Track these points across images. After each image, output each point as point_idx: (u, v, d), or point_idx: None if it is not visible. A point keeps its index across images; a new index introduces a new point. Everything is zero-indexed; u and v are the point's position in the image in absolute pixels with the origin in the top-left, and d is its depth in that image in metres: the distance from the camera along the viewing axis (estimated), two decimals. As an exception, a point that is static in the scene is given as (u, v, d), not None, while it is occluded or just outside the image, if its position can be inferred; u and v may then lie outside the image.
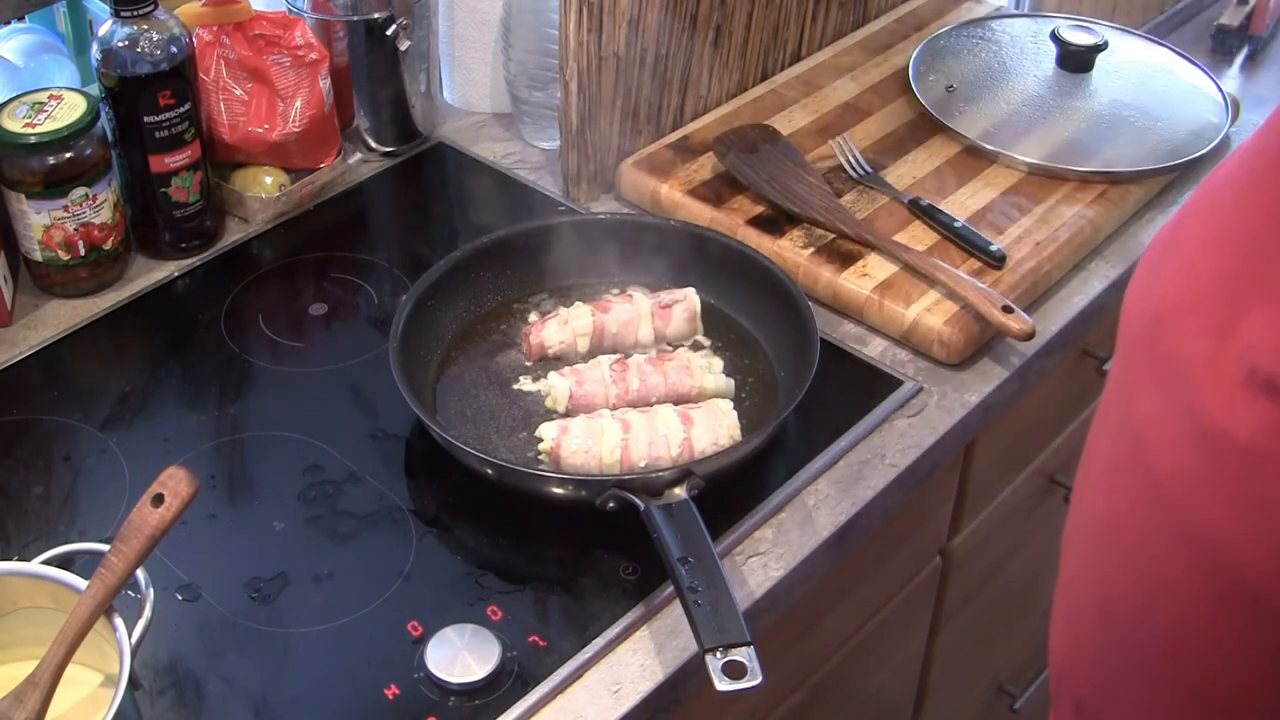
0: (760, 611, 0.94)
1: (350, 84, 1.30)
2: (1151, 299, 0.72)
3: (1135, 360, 0.72)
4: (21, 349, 1.12)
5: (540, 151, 1.36)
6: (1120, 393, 0.74)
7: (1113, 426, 0.75)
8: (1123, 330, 0.76)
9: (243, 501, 1.00)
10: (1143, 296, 0.74)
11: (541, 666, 0.87)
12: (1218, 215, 0.70)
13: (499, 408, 1.05)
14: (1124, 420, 0.72)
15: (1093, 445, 0.78)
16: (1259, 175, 0.67)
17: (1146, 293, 0.73)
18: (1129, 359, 0.74)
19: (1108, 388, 0.78)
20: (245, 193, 1.24)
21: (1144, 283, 0.75)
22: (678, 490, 0.92)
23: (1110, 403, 0.76)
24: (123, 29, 1.12)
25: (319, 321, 1.16)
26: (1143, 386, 0.70)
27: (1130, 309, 0.76)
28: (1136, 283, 0.76)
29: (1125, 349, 0.75)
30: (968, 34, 1.46)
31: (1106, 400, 0.77)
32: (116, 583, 0.79)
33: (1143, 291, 0.74)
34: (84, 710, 0.83)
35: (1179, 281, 0.70)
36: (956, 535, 1.28)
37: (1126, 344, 0.75)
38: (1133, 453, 0.71)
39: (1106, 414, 0.77)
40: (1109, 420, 0.76)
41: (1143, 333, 0.72)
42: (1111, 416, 0.75)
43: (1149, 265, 0.75)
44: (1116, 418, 0.74)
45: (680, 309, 1.09)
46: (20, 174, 1.11)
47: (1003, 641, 1.55)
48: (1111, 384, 0.77)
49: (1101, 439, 0.76)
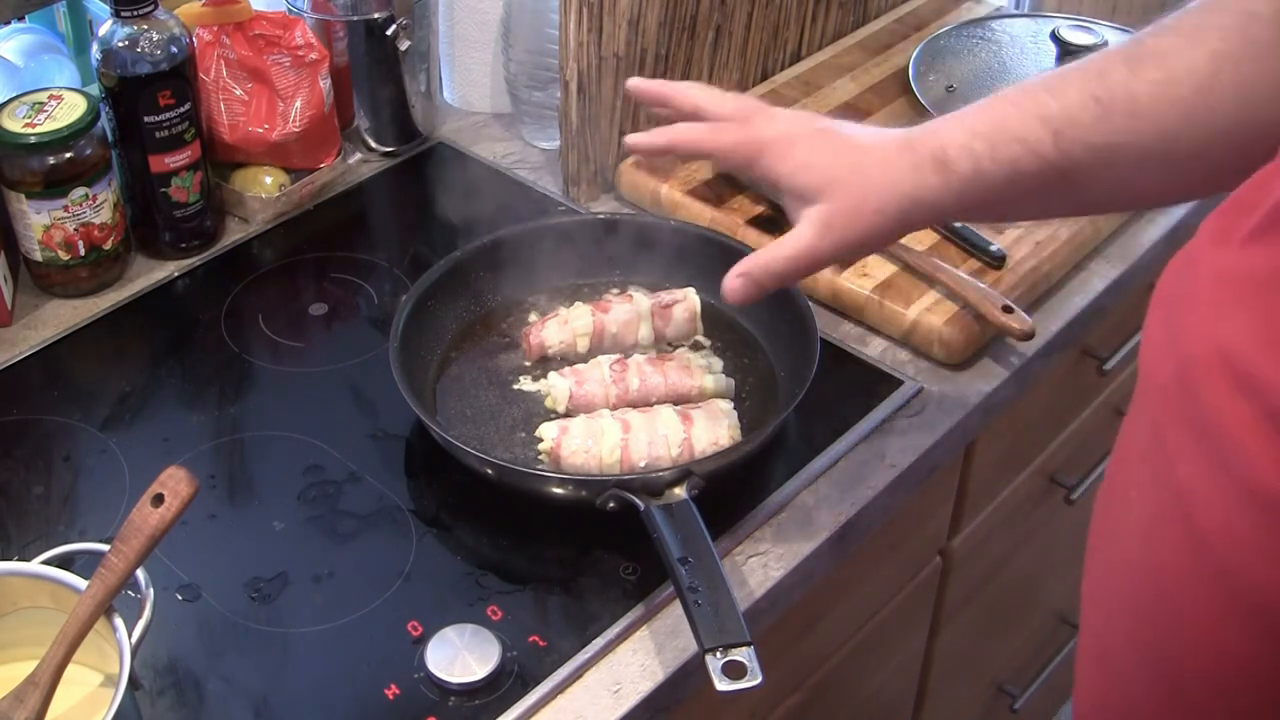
0: (760, 611, 0.94)
1: (350, 84, 1.30)
2: (1179, 345, 0.68)
3: (1167, 416, 0.68)
4: (21, 349, 1.12)
5: (540, 151, 1.36)
6: (1153, 449, 0.70)
7: (1147, 484, 0.71)
8: (1147, 373, 0.72)
9: (243, 501, 1.00)
10: (1167, 339, 0.70)
11: (541, 666, 0.87)
12: (1247, 260, 0.66)
13: (499, 408, 1.05)
14: (1163, 480, 0.69)
15: (1116, 497, 0.74)
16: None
17: (1172, 335, 0.69)
18: (1159, 413, 0.70)
19: (1132, 431, 0.74)
20: (245, 193, 1.24)
21: (1166, 322, 0.71)
22: (678, 490, 0.92)
23: (1139, 452, 0.72)
24: (123, 29, 1.12)
25: (319, 321, 1.17)
26: (1181, 448, 0.67)
27: (1153, 351, 0.72)
28: (1156, 320, 0.72)
29: (1154, 400, 0.71)
30: (968, 34, 1.46)
31: (1132, 447, 0.73)
32: (116, 583, 0.79)
33: (1166, 333, 0.70)
34: (84, 710, 0.83)
35: (1206, 330, 0.66)
36: (956, 535, 1.28)
37: (1154, 394, 0.71)
38: (1177, 516, 0.67)
39: (1134, 465, 0.73)
40: (1140, 473, 0.72)
41: (1172, 385, 0.68)
42: (1144, 471, 0.71)
43: (1168, 302, 0.71)
44: (1151, 477, 0.70)
45: (680, 309, 1.09)
46: (20, 174, 1.11)
47: (1003, 641, 1.55)
48: (1139, 432, 0.72)
49: (1132, 493, 0.73)
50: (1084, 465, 1.43)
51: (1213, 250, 0.69)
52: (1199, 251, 0.70)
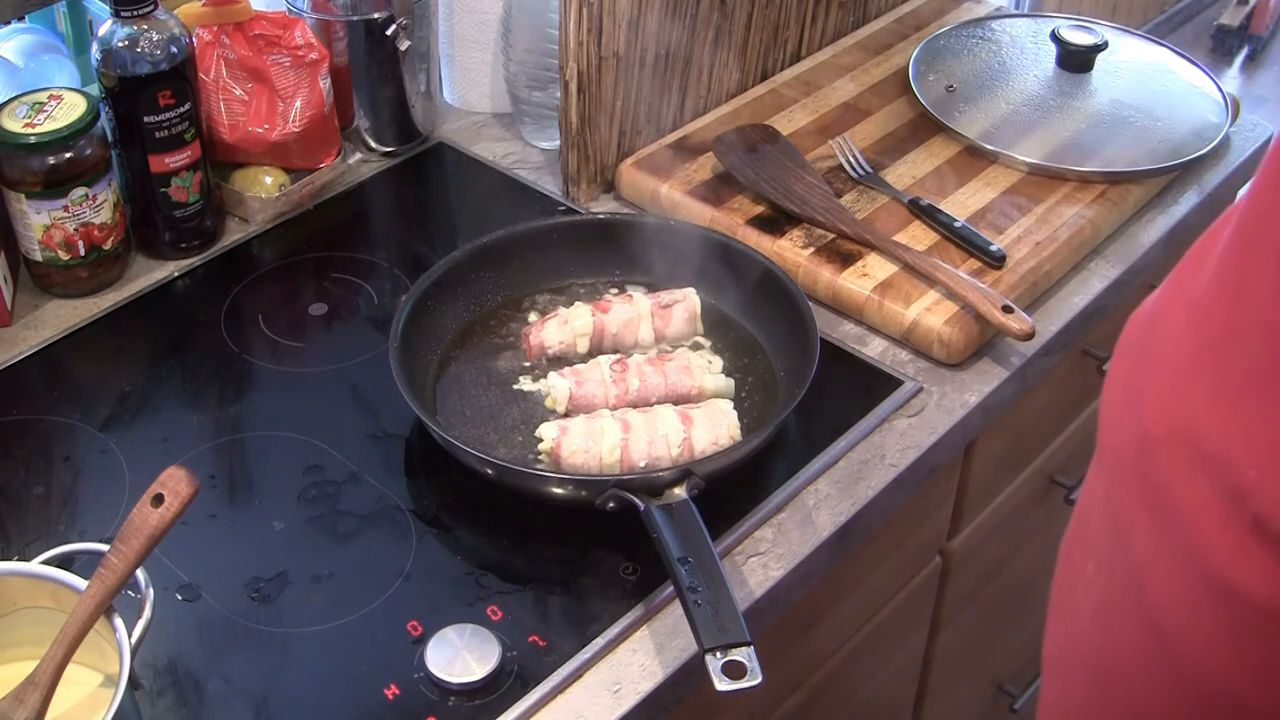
0: (760, 611, 0.94)
1: (350, 84, 1.30)
2: (1140, 413, 0.66)
3: (1124, 487, 0.67)
4: (21, 349, 1.12)
5: (540, 151, 1.36)
6: (1109, 520, 0.68)
7: (1103, 554, 0.69)
8: (1107, 431, 0.69)
9: (243, 501, 1.00)
10: (1129, 400, 0.68)
11: (541, 666, 0.87)
12: (1209, 325, 0.63)
13: (499, 408, 1.05)
14: (1118, 556, 0.67)
15: (1076, 561, 0.72)
16: (1244, 293, 0.60)
17: (1133, 398, 0.67)
18: (1114, 481, 0.68)
19: (1092, 487, 0.71)
20: (245, 193, 1.24)
21: (1129, 380, 0.68)
22: (678, 490, 0.92)
23: (1097, 521, 0.70)
24: (123, 29, 1.12)
25: (319, 321, 1.16)
26: (1136, 523, 0.65)
27: (1114, 409, 0.69)
28: (1121, 371, 0.70)
29: (1110, 464, 0.69)
30: (968, 34, 1.46)
31: (1092, 506, 0.71)
32: (116, 583, 0.79)
33: (1128, 393, 0.68)
34: (84, 710, 0.83)
35: (1167, 404, 0.64)
36: (956, 535, 1.28)
37: (1111, 457, 0.69)
38: (1130, 594, 0.65)
39: (1093, 530, 0.70)
40: (1097, 543, 0.70)
41: (1129, 452, 0.66)
42: (1100, 542, 0.69)
43: (1134, 355, 0.69)
44: (1107, 549, 0.68)
45: (680, 309, 1.09)
46: (20, 174, 1.11)
47: (1003, 641, 1.55)
48: (1096, 499, 0.70)
49: (1089, 565, 0.70)
50: (1084, 465, 1.41)
51: (1178, 310, 0.66)
52: (1165, 307, 0.68)
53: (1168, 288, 0.70)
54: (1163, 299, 0.70)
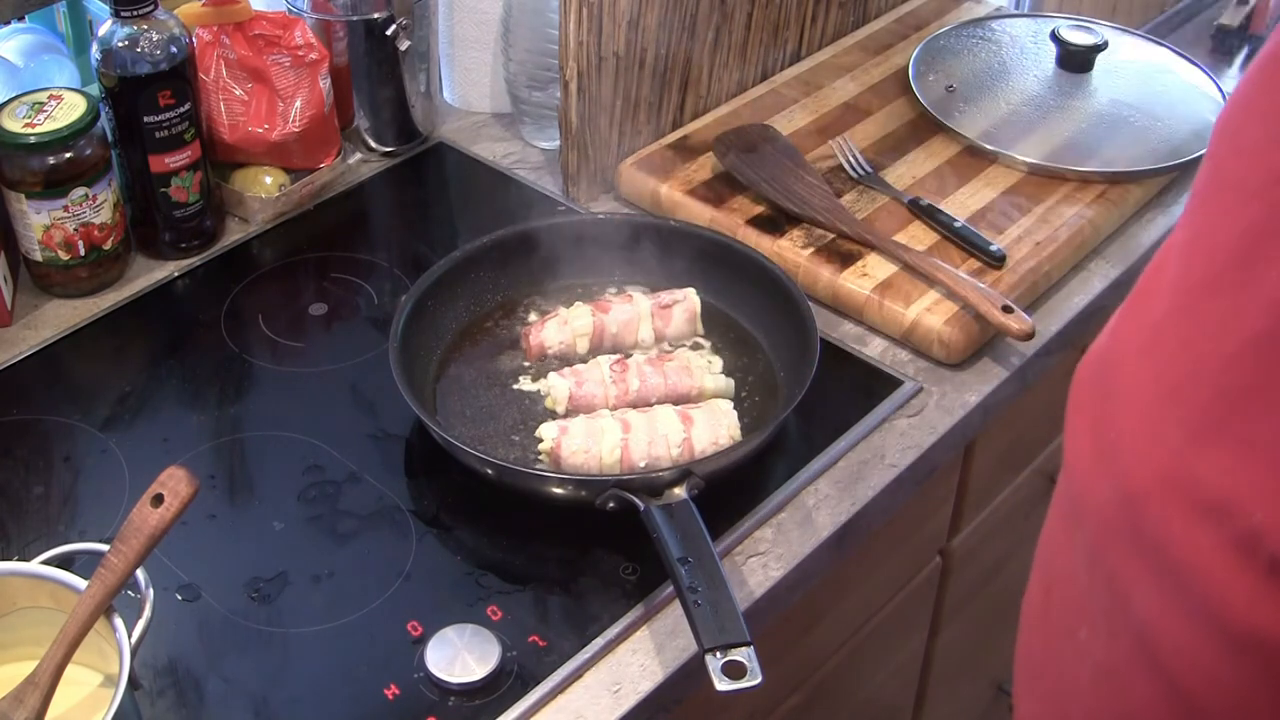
0: (760, 611, 0.94)
1: (350, 84, 1.30)
2: (1116, 469, 0.62)
3: (1116, 548, 0.63)
4: (21, 349, 1.12)
5: (540, 151, 1.36)
6: (1101, 584, 0.64)
7: (1100, 621, 0.65)
8: (1082, 488, 0.65)
9: (243, 501, 1.00)
10: (1099, 457, 0.64)
11: (541, 666, 0.87)
12: (1174, 365, 0.61)
13: (499, 408, 1.05)
14: (1118, 619, 0.63)
15: (1058, 631, 0.67)
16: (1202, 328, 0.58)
17: (1105, 455, 0.63)
18: (1100, 542, 0.64)
19: (1065, 558, 0.66)
20: (245, 193, 1.24)
21: (1095, 435, 0.64)
22: (678, 490, 0.92)
23: (1085, 582, 0.66)
24: (123, 29, 1.12)
25: (319, 321, 1.16)
26: (1136, 582, 0.61)
27: (1085, 466, 0.65)
28: (1082, 425, 0.65)
29: (1091, 524, 0.65)
30: (968, 34, 1.46)
31: (1065, 567, 0.67)
32: (116, 583, 0.79)
33: (1097, 449, 0.64)
34: (84, 710, 0.83)
35: (1147, 454, 0.61)
36: (956, 535, 1.28)
37: (1091, 516, 0.65)
38: (1140, 656, 0.62)
39: (1077, 596, 0.66)
40: (1090, 609, 0.66)
41: (1111, 511, 0.63)
42: (1094, 608, 0.65)
43: (1093, 407, 0.65)
44: (1104, 615, 0.64)
45: (680, 309, 1.09)
46: (20, 174, 1.11)
47: (1003, 641, 1.55)
48: (1078, 559, 0.66)
49: (1082, 633, 0.66)
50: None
51: (1132, 355, 0.63)
52: (1118, 354, 0.65)
53: (1116, 333, 0.67)
54: (1113, 345, 0.67)
